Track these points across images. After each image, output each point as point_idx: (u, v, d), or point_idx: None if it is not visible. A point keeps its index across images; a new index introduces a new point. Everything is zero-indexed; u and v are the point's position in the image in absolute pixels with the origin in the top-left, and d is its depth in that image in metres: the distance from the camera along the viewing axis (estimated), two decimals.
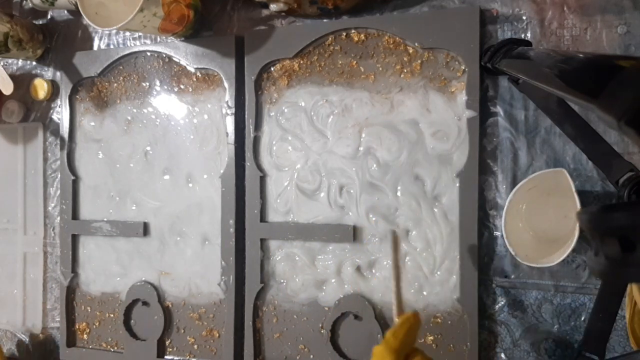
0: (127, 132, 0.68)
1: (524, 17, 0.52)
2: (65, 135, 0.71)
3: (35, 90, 0.74)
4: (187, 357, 0.64)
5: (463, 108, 0.53)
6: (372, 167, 0.56)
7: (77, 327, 0.70)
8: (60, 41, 0.75)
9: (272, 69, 0.61)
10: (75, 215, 0.70)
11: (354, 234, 0.56)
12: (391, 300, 0.56)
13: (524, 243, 0.49)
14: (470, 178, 0.52)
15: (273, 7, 0.58)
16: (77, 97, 0.71)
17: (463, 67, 0.53)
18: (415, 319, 0.41)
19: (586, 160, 0.49)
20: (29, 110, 0.76)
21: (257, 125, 0.61)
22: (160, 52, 0.66)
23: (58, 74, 0.74)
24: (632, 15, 0.48)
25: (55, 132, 0.74)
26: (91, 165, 0.70)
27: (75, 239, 0.70)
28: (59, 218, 0.72)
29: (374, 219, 0.56)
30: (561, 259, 0.44)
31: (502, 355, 0.53)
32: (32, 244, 0.75)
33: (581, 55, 0.31)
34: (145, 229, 0.66)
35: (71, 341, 0.70)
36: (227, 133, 0.62)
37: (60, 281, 0.71)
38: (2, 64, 0.76)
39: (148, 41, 0.68)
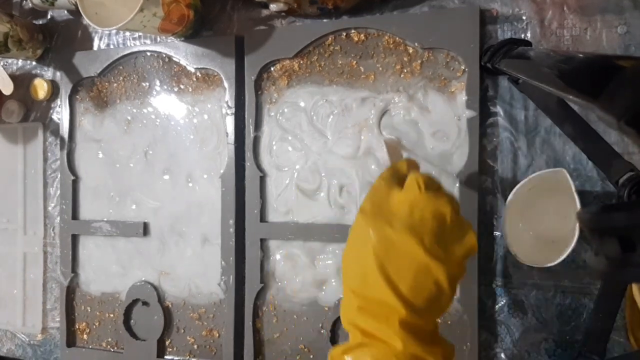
0: (127, 132, 0.68)
1: (524, 17, 0.52)
2: (65, 135, 0.71)
3: (35, 90, 0.74)
4: (187, 357, 0.64)
5: (463, 108, 0.53)
6: (372, 167, 0.56)
7: (77, 327, 0.70)
8: (60, 41, 0.75)
9: (272, 68, 0.61)
10: (75, 215, 0.70)
11: None
12: None
13: (524, 243, 0.49)
14: (470, 178, 0.52)
15: (273, 7, 0.58)
16: (77, 97, 0.71)
17: (463, 67, 0.53)
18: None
19: (586, 160, 0.49)
20: (28, 110, 0.76)
21: (257, 125, 0.61)
22: (160, 52, 0.66)
23: (58, 74, 0.74)
24: (632, 15, 0.48)
25: (55, 132, 0.74)
26: (91, 165, 0.70)
27: (75, 239, 0.70)
28: (58, 218, 0.72)
29: None
30: (561, 259, 0.44)
31: (502, 355, 0.53)
32: (32, 244, 0.75)
33: (581, 55, 0.31)
34: (145, 229, 0.66)
35: (71, 341, 0.70)
36: (227, 133, 0.62)
37: (60, 281, 0.71)
38: (2, 64, 0.76)
39: (148, 41, 0.68)
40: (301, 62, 0.59)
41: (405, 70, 0.55)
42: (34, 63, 0.76)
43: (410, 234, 0.35)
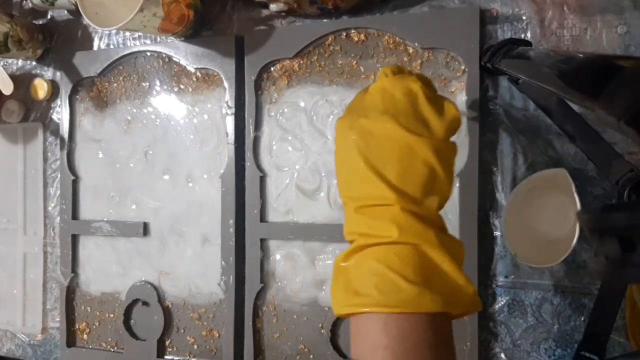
0: (127, 132, 0.68)
1: (524, 17, 0.52)
2: (65, 135, 0.71)
3: (35, 90, 0.74)
4: (187, 357, 0.64)
5: (463, 108, 0.53)
6: None
7: (77, 327, 0.70)
8: (60, 41, 0.75)
9: (272, 68, 0.61)
10: (75, 215, 0.70)
11: None
12: None
13: (524, 243, 0.49)
14: (470, 178, 0.52)
15: (273, 7, 0.58)
16: (77, 97, 0.71)
17: (463, 67, 0.53)
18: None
19: (586, 160, 0.49)
20: (28, 110, 0.76)
21: (257, 125, 0.61)
22: (160, 52, 0.66)
23: (58, 74, 0.74)
24: (632, 15, 0.48)
25: (55, 132, 0.74)
26: (91, 165, 0.70)
27: (75, 239, 0.70)
28: (58, 218, 0.72)
29: None
30: (561, 259, 0.44)
31: (502, 355, 0.53)
32: (32, 244, 0.75)
33: (581, 55, 0.31)
34: (145, 229, 0.66)
35: (71, 341, 0.70)
36: (227, 133, 0.62)
37: (60, 281, 0.71)
38: (2, 64, 0.76)
39: (148, 41, 0.68)
40: (301, 62, 0.59)
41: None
42: (34, 63, 0.76)
43: (385, 116, 0.34)
